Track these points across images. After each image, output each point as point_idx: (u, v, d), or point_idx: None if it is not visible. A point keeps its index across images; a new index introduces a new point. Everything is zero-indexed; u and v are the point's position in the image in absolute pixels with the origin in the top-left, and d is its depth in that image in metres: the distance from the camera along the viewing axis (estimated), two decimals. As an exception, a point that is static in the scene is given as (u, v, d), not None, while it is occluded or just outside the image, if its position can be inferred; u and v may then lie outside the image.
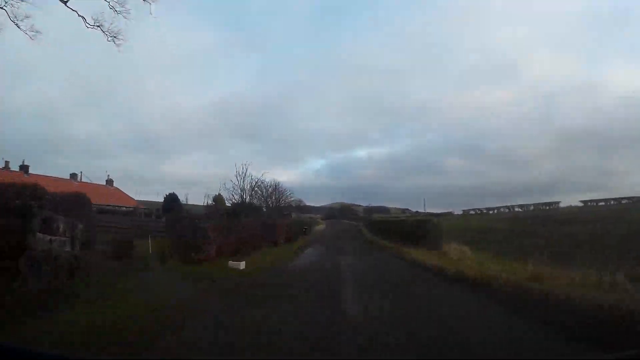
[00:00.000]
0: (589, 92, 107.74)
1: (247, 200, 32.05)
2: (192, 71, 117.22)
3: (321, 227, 64.32)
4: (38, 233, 6.99)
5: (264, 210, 41.80)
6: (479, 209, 59.18)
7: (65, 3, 11.06)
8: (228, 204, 30.09)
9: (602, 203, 37.83)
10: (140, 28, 18.35)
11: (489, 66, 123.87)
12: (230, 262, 12.29)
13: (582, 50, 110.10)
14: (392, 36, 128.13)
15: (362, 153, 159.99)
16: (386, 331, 5.20)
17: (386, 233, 30.85)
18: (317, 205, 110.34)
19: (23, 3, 10.69)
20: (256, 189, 34.59)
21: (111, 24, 11.74)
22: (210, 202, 30.67)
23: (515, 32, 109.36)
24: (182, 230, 13.50)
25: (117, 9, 11.48)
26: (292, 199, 47.52)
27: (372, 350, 4.49)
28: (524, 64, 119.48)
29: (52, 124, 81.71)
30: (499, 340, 4.95)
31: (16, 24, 10.77)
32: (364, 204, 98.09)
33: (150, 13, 12.33)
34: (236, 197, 31.20)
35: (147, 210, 30.66)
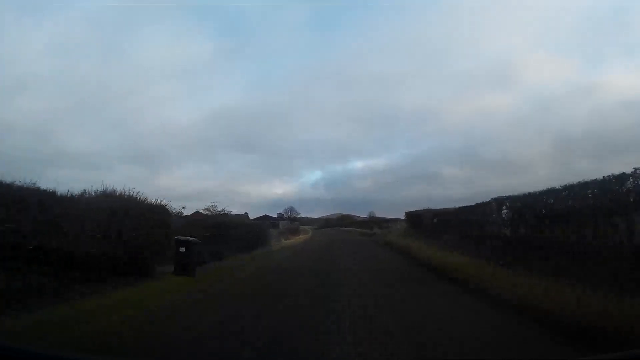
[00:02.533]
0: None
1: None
2: (184, 83, 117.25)
3: (298, 240, 34.12)
4: None
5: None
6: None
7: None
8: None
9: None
10: (135, 38, 16.88)
11: (486, 72, 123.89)
12: None
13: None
14: (387, 44, 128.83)
15: (359, 164, 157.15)
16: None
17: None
18: (316, 216, 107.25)
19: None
20: None
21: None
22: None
23: (512, 37, 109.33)
24: None
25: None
26: None
27: None
28: (524, 67, 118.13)
29: (46, 137, 79.00)
30: None
31: None
32: (362, 214, 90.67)
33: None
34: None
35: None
